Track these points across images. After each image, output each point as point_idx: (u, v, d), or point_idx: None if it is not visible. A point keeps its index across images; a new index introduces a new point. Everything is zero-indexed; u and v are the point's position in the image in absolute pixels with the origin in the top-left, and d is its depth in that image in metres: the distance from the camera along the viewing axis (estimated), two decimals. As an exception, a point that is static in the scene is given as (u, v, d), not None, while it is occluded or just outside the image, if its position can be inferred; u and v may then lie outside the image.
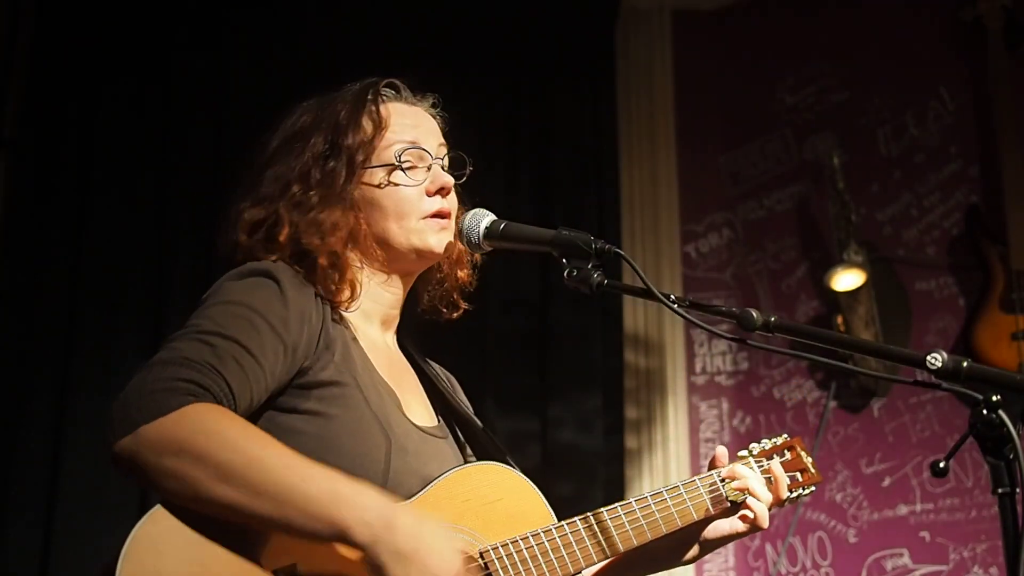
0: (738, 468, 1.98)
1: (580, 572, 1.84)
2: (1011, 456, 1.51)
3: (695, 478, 1.98)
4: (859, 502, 4.06)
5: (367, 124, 1.87)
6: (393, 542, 1.51)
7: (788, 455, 2.09)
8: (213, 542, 1.55)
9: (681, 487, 1.95)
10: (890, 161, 4.30)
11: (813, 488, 2.11)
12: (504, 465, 1.87)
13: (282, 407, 1.70)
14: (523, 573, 1.76)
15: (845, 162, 4.18)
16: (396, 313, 1.94)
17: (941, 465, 1.59)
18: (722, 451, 2.02)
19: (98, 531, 3.55)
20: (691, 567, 4.10)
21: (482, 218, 1.90)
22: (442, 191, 1.88)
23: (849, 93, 4.41)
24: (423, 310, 2.00)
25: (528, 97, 4.37)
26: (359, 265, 1.87)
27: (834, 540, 4.06)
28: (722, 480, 1.97)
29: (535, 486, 1.87)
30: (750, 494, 1.95)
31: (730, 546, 4.16)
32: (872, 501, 4.04)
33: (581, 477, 3.97)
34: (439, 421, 1.94)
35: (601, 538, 1.84)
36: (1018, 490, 1.51)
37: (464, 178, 1.95)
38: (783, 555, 4.08)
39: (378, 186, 1.85)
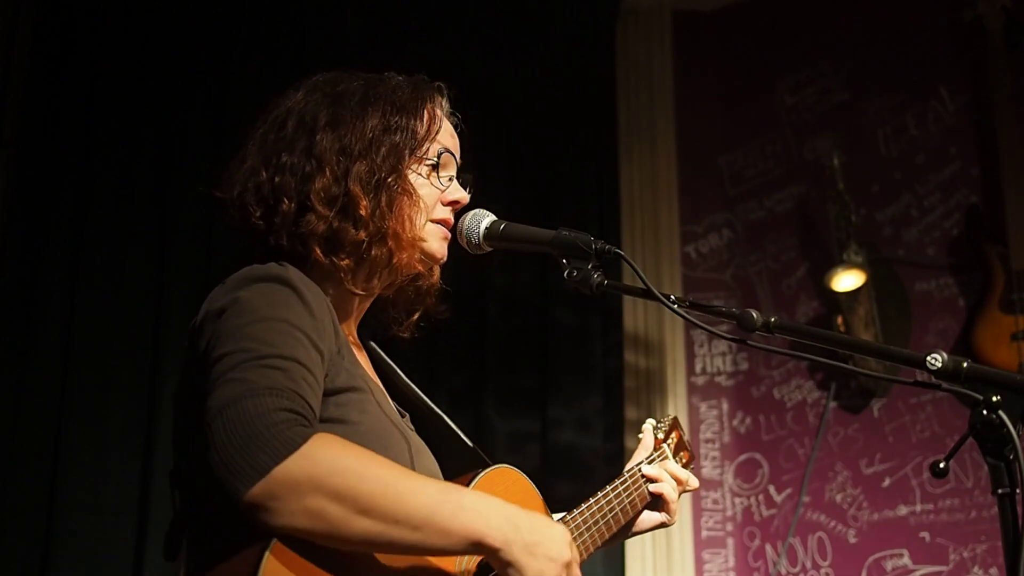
0: (668, 463, 2.15)
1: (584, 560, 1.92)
2: (1011, 456, 1.51)
3: (636, 466, 2.12)
4: (859, 502, 4.06)
5: (427, 116, 1.88)
6: (521, 539, 1.56)
7: (674, 436, 2.24)
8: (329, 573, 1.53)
9: (628, 478, 2.10)
10: (890, 161, 4.30)
11: (691, 466, 2.28)
12: (510, 467, 1.89)
13: None
14: None
15: (845, 162, 4.18)
16: (364, 309, 1.93)
17: (941, 466, 1.59)
18: (650, 433, 2.21)
19: (98, 536, 3.55)
20: (692, 566, 4.10)
21: (482, 218, 1.90)
22: (455, 204, 1.89)
23: (849, 93, 4.41)
24: (382, 322, 2.00)
25: (527, 97, 4.36)
26: None
27: (834, 540, 4.05)
28: (644, 479, 2.12)
29: (531, 481, 1.91)
30: (665, 497, 2.12)
31: (730, 546, 4.16)
32: (872, 501, 4.04)
33: (581, 477, 3.97)
34: (404, 414, 1.94)
35: (594, 529, 1.97)
36: (1018, 490, 1.52)
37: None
38: (783, 555, 4.08)
39: (418, 176, 1.86)
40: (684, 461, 2.24)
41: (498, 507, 1.58)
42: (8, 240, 3.90)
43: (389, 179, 1.80)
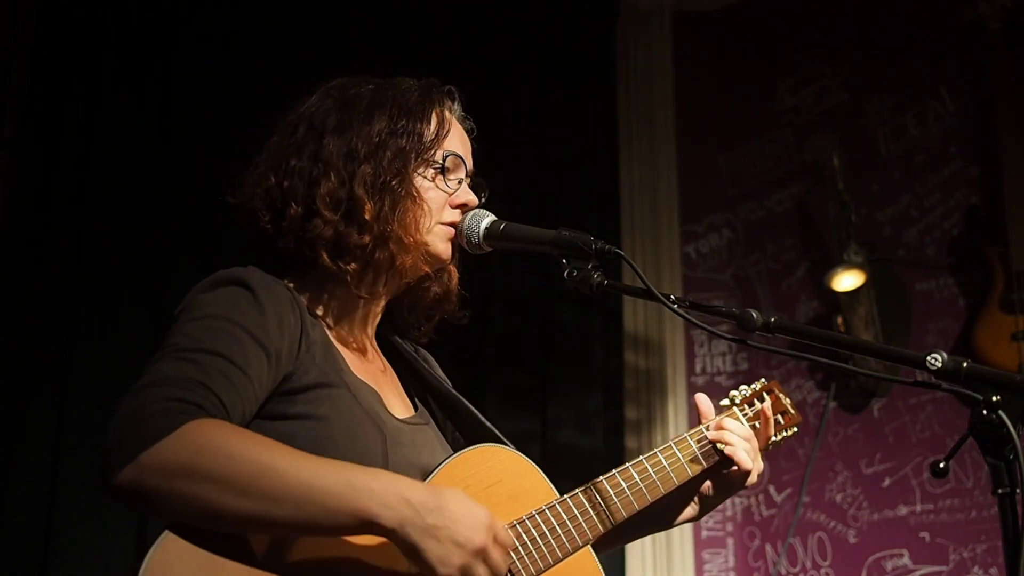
0: (725, 421, 2.03)
1: (589, 543, 1.87)
2: (1011, 456, 1.51)
3: (685, 434, 2.03)
4: (859, 502, 4.06)
5: (435, 119, 1.89)
6: (421, 519, 1.51)
7: (767, 399, 2.14)
8: (226, 560, 1.52)
9: (673, 445, 2.00)
10: (890, 161, 4.30)
11: (796, 429, 2.18)
12: (501, 445, 1.88)
13: (270, 415, 1.67)
14: (533, 552, 1.78)
15: (845, 162, 4.18)
16: (379, 310, 1.93)
17: (941, 466, 1.59)
18: (705, 402, 2.07)
19: (98, 536, 3.55)
20: (692, 566, 4.10)
21: (482, 218, 1.91)
22: (463, 207, 1.90)
23: (849, 93, 4.41)
24: (398, 325, 2.00)
25: (527, 96, 4.36)
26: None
27: (834, 540, 4.06)
28: (707, 442, 2.01)
29: (533, 462, 1.89)
30: (728, 445, 1.99)
31: (730, 546, 4.16)
32: (872, 501, 4.04)
33: (581, 477, 3.94)
34: (418, 408, 1.94)
35: (604, 507, 1.89)
36: (1018, 490, 1.52)
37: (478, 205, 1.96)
38: (783, 555, 4.08)
39: (424, 179, 1.87)
40: (782, 424, 2.14)
41: (396, 486, 1.53)
42: (8, 240, 3.90)
43: (393, 182, 1.81)
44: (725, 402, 2.14)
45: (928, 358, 1.56)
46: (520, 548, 1.76)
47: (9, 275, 3.84)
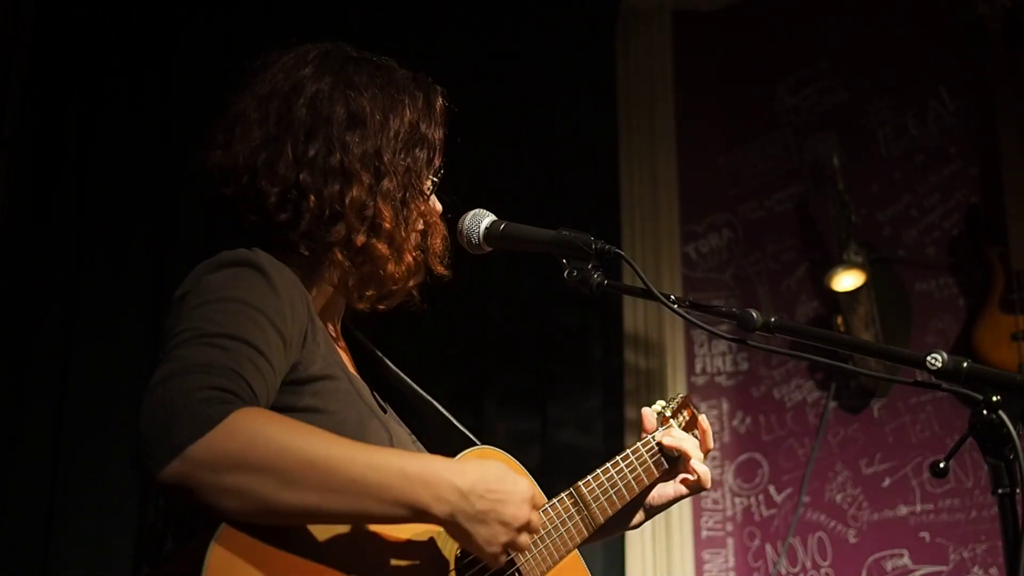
0: (675, 432, 2.09)
1: (577, 545, 1.91)
2: (1011, 456, 1.51)
3: (638, 444, 2.08)
4: (859, 502, 4.06)
5: (440, 130, 1.87)
6: (471, 507, 1.53)
7: (685, 414, 2.18)
8: (286, 553, 1.48)
9: (631, 454, 2.06)
10: (890, 161, 4.30)
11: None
12: (492, 448, 1.88)
13: (277, 406, 1.60)
14: (537, 555, 1.80)
15: (845, 162, 4.18)
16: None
17: (941, 466, 1.59)
18: (649, 414, 2.12)
19: (98, 536, 3.55)
20: (691, 566, 4.10)
21: (482, 219, 1.90)
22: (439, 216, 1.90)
23: (849, 93, 4.41)
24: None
25: (528, 97, 4.36)
26: None
27: (834, 540, 4.05)
28: (658, 444, 2.07)
29: (518, 462, 1.90)
30: (685, 455, 2.06)
31: (730, 546, 4.16)
32: (872, 501, 4.04)
33: (581, 477, 3.96)
34: (385, 408, 1.91)
35: (586, 511, 1.93)
36: (1018, 490, 1.52)
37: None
38: (783, 555, 4.08)
39: (426, 191, 1.86)
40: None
41: (448, 474, 1.53)
42: (8, 240, 3.90)
43: (413, 198, 1.80)
44: (658, 407, 2.16)
45: (928, 358, 1.56)
46: (531, 546, 1.77)
47: (9, 275, 3.84)
